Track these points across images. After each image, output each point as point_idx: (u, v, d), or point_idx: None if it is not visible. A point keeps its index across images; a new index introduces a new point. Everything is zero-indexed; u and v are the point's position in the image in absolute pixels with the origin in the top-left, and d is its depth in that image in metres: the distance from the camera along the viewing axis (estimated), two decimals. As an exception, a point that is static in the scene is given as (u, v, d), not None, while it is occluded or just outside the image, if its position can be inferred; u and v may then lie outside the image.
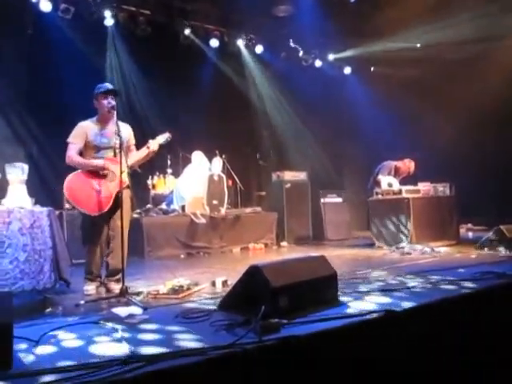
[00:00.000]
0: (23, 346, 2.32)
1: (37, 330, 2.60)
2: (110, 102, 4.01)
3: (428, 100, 9.26)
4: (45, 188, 4.46)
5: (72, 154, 3.99)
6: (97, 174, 3.96)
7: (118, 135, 3.75)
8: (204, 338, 2.38)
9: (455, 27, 7.90)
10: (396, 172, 7.35)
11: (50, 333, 2.55)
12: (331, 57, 10.16)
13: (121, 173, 3.76)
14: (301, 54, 9.91)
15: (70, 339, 2.49)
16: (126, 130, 4.21)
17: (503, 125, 8.38)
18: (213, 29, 8.86)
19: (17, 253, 3.13)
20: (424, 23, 8.09)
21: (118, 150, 3.90)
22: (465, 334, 2.89)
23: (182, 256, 6.69)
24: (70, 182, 3.88)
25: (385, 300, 3.08)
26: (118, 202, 3.92)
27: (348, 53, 9.84)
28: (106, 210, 3.91)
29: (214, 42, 8.93)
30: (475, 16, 7.45)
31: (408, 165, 7.38)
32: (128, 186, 4.06)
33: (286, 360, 2.23)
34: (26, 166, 3.62)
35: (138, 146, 4.25)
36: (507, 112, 8.23)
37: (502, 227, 5.71)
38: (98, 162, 3.95)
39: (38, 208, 3.40)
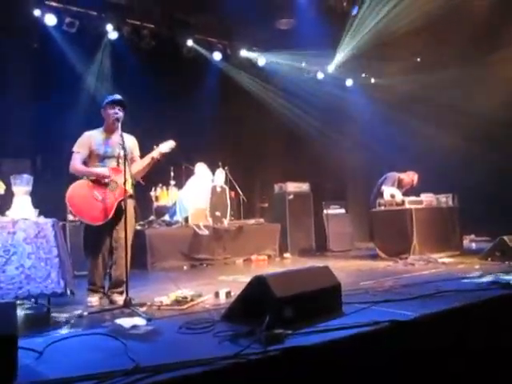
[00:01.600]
0: (27, 357, 2.31)
1: (41, 341, 2.60)
2: (117, 112, 4.05)
3: (430, 111, 9.31)
4: (49, 199, 4.46)
5: (75, 162, 4.02)
6: (99, 183, 3.97)
7: (123, 147, 3.77)
8: (208, 348, 2.37)
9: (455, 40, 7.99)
10: (399, 184, 7.36)
11: (54, 344, 2.55)
12: (330, 68, 10.22)
13: (125, 182, 3.77)
14: (303, 65, 9.99)
15: (73, 350, 2.49)
16: (131, 141, 4.23)
17: (506, 135, 8.40)
18: (216, 42, 8.96)
19: (22, 260, 3.14)
20: (424, 35, 8.14)
21: (121, 160, 3.92)
22: (470, 344, 2.87)
23: (185, 267, 6.68)
24: (72, 191, 3.90)
25: (389, 310, 3.07)
26: (120, 212, 3.92)
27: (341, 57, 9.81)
28: (108, 219, 3.91)
29: (217, 55, 9.02)
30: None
31: (411, 177, 7.40)
32: (131, 196, 4.07)
33: (291, 371, 2.22)
34: (30, 178, 3.65)
35: (141, 157, 4.26)
36: (510, 121, 8.25)
37: (504, 237, 5.69)
38: (101, 171, 3.97)
39: (42, 219, 3.42)
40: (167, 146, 4.15)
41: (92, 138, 4.10)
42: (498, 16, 7.39)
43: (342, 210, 9.07)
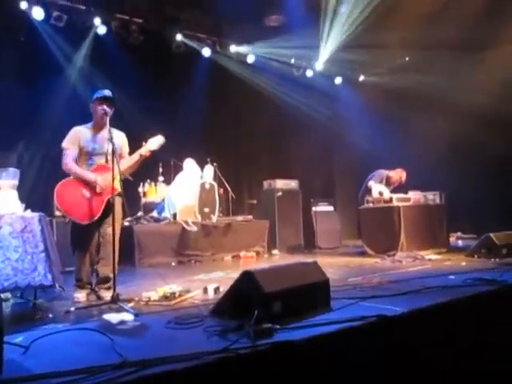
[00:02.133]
0: (13, 352, 2.29)
1: (27, 336, 2.58)
2: (105, 108, 3.99)
3: (418, 108, 9.37)
4: (36, 194, 4.42)
5: (69, 161, 3.97)
6: (88, 181, 3.94)
7: (111, 142, 3.73)
8: (196, 343, 2.37)
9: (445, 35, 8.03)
10: (388, 181, 7.41)
11: (41, 339, 2.53)
12: (318, 65, 10.24)
13: (113, 179, 3.74)
14: (292, 62, 10.00)
15: (60, 345, 2.47)
16: (120, 138, 4.20)
17: (492, 133, 8.49)
18: (205, 37, 8.92)
19: (8, 253, 3.10)
20: (413, 33, 8.18)
21: (110, 157, 3.89)
22: (455, 339, 2.90)
23: (174, 264, 6.66)
24: (61, 189, 3.85)
25: (377, 306, 3.09)
26: (108, 209, 3.90)
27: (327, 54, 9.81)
28: (96, 217, 3.89)
29: (207, 51, 8.99)
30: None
31: (400, 174, 7.45)
32: (120, 194, 4.03)
33: (280, 365, 2.23)
34: (17, 171, 3.60)
35: (130, 154, 4.22)
36: (496, 121, 8.35)
37: (491, 235, 5.76)
38: (92, 178, 3.92)
39: (28, 213, 3.38)
40: (156, 142, 4.07)
41: (81, 134, 4.05)
42: (487, 14, 7.44)
43: (331, 208, 9.12)
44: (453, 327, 2.96)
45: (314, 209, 8.77)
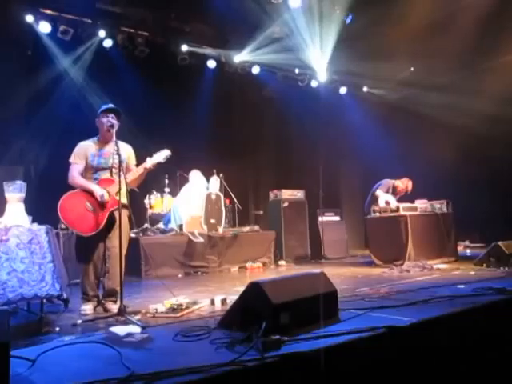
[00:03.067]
0: (20, 365, 2.27)
1: (34, 349, 2.57)
2: (110, 120, 4.02)
3: (424, 118, 9.37)
4: (42, 207, 4.43)
5: (75, 174, 3.99)
6: (92, 194, 3.94)
7: (117, 153, 3.75)
8: (204, 356, 2.35)
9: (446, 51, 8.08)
10: (394, 190, 7.39)
11: (47, 352, 2.51)
12: (322, 76, 10.28)
13: (119, 191, 3.74)
14: (297, 72, 10.05)
15: (67, 359, 2.46)
16: (126, 150, 4.21)
17: (500, 143, 8.47)
18: (210, 50, 8.97)
19: (15, 265, 3.09)
20: (417, 45, 8.21)
21: (115, 170, 3.90)
22: (465, 349, 2.86)
23: (180, 275, 6.64)
24: (64, 202, 3.86)
25: (385, 316, 3.06)
26: (112, 221, 3.90)
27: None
28: (99, 229, 3.88)
29: (212, 63, 9.05)
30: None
31: (406, 183, 7.42)
32: (126, 206, 4.03)
33: (288, 377, 2.20)
34: (24, 185, 3.61)
35: (137, 166, 4.23)
36: (503, 131, 8.33)
37: (499, 243, 5.71)
38: (96, 191, 3.92)
39: (35, 226, 3.38)
40: (162, 155, 4.08)
41: (87, 149, 4.07)
42: (486, 28, 7.47)
43: (337, 218, 9.08)
44: (463, 337, 2.92)
45: (320, 219, 8.74)
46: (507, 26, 7.54)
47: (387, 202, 7.02)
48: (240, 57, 9.23)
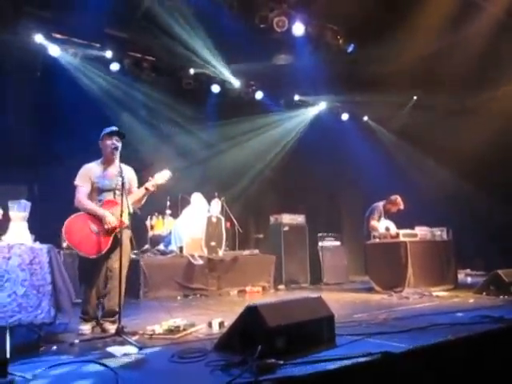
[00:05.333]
0: (17, 382, 2.29)
1: (31, 367, 2.59)
2: (114, 143, 4.09)
3: (425, 145, 9.48)
4: (45, 226, 4.49)
5: (82, 197, 4.03)
6: (97, 216, 3.99)
7: (121, 176, 3.81)
8: (199, 377, 2.36)
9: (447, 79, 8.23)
10: (386, 212, 7.42)
11: (45, 370, 2.53)
12: (323, 105, 10.48)
13: (121, 214, 3.79)
14: (298, 99, 10.22)
15: (63, 377, 2.47)
16: (130, 173, 4.26)
17: (501, 169, 8.54)
18: (214, 75, 9.15)
19: (15, 287, 3.13)
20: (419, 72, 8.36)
21: (118, 192, 3.96)
22: (461, 377, 2.86)
23: (179, 297, 6.63)
24: (69, 224, 3.91)
25: (382, 342, 3.06)
26: (116, 243, 3.94)
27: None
28: (104, 251, 3.92)
29: (216, 88, 9.21)
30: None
31: (395, 201, 7.44)
32: (128, 227, 4.08)
33: (282, 401, 2.21)
34: (28, 204, 3.67)
35: (138, 187, 4.29)
36: (503, 155, 8.41)
37: (499, 272, 5.71)
38: (106, 216, 3.95)
39: (37, 245, 3.43)
40: (163, 176, 4.14)
41: (91, 171, 4.14)
42: (486, 57, 7.63)
43: (337, 243, 9.08)
44: (459, 365, 2.92)
45: (320, 244, 8.75)
46: (506, 57, 7.69)
47: (387, 228, 7.05)
48: (244, 82, 9.40)
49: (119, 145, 4.12)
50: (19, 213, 3.56)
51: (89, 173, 4.12)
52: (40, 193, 6.90)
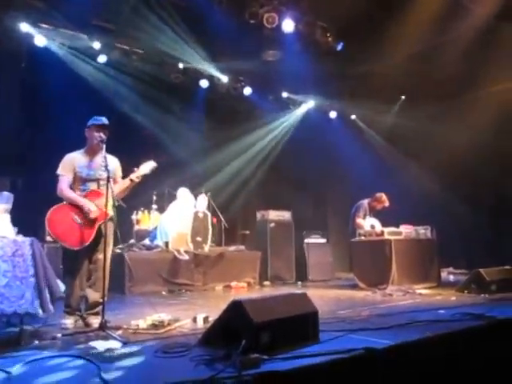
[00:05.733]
0: (-3, 376, 2.27)
1: (12, 361, 2.56)
2: (102, 135, 4.06)
3: (410, 144, 9.56)
4: (29, 219, 4.43)
5: (64, 187, 3.99)
6: (79, 207, 3.95)
7: (106, 168, 3.78)
8: (183, 372, 2.36)
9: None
10: (371, 210, 7.49)
11: (26, 364, 2.51)
12: (312, 103, 10.51)
13: (106, 205, 3.77)
14: (286, 96, 10.23)
15: (45, 371, 2.45)
16: (113, 163, 4.23)
17: (485, 169, 8.65)
18: (203, 70, 9.11)
19: (-3, 278, 3.10)
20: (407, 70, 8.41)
21: (102, 182, 3.93)
22: (442, 373, 2.90)
23: (164, 292, 6.61)
24: (52, 214, 3.86)
25: (365, 338, 3.09)
26: (100, 235, 3.91)
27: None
28: (87, 243, 3.89)
29: (204, 83, 9.18)
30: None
31: (380, 199, 7.51)
32: (111, 219, 4.05)
33: (265, 396, 2.22)
34: (11, 196, 3.63)
35: (123, 177, 4.26)
36: (486, 156, 8.52)
37: (480, 270, 5.78)
38: (85, 205, 3.93)
39: (20, 238, 3.39)
40: (148, 167, 4.14)
41: (75, 161, 4.09)
42: (474, 56, 7.71)
43: (323, 240, 9.13)
44: (439, 361, 2.96)
45: (306, 241, 8.79)
46: (493, 57, 7.76)
47: (372, 226, 7.11)
48: (232, 78, 9.38)
49: (105, 137, 4.08)
50: (2, 205, 3.52)
51: (72, 162, 4.08)
52: (24, 185, 6.82)
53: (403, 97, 10.29)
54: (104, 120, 4.14)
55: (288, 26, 7.55)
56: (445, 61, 7.79)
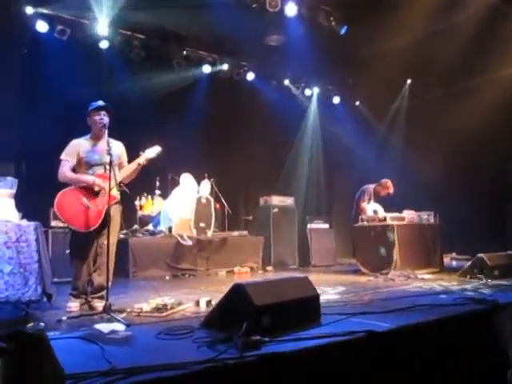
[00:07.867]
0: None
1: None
2: (103, 118, 4.08)
3: (415, 129, 9.51)
4: (33, 204, 4.47)
5: (64, 170, 4.03)
6: (88, 190, 3.98)
7: (109, 153, 3.80)
8: (185, 353, 2.39)
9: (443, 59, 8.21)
10: (376, 195, 7.49)
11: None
12: (316, 90, 10.45)
13: (110, 189, 3.80)
14: (288, 82, 10.16)
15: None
16: (118, 148, 4.27)
17: (487, 156, 8.60)
18: (206, 55, 9.06)
19: (1, 265, 3.14)
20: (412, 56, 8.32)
21: (108, 167, 3.96)
22: (442, 357, 2.93)
23: (167, 277, 6.67)
24: (61, 198, 3.90)
25: (366, 322, 3.12)
26: (107, 219, 3.95)
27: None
28: (95, 226, 3.93)
29: (207, 68, 9.13)
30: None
31: (385, 185, 7.52)
32: (118, 202, 4.10)
33: (267, 376, 2.26)
34: (15, 181, 3.65)
35: (129, 163, 4.30)
36: (491, 141, 8.46)
37: (483, 255, 5.79)
38: (89, 179, 3.99)
39: (24, 222, 3.42)
40: (153, 151, 4.22)
41: (80, 146, 4.12)
42: (477, 42, 7.62)
43: (326, 225, 9.15)
44: (440, 344, 2.99)
45: (309, 226, 8.81)
46: (496, 44, 7.68)
47: (375, 211, 7.11)
48: (235, 63, 9.32)
49: (107, 119, 4.10)
50: (5, 190, 3.54)
51: (77, 147, 4.11)
52: (28, 170, 6.85)
53: (409, 81, 10.18)
54: (100, 102, 4.17)
55: (291, 9, 7.48)
56: (450, 45, 7.70)
